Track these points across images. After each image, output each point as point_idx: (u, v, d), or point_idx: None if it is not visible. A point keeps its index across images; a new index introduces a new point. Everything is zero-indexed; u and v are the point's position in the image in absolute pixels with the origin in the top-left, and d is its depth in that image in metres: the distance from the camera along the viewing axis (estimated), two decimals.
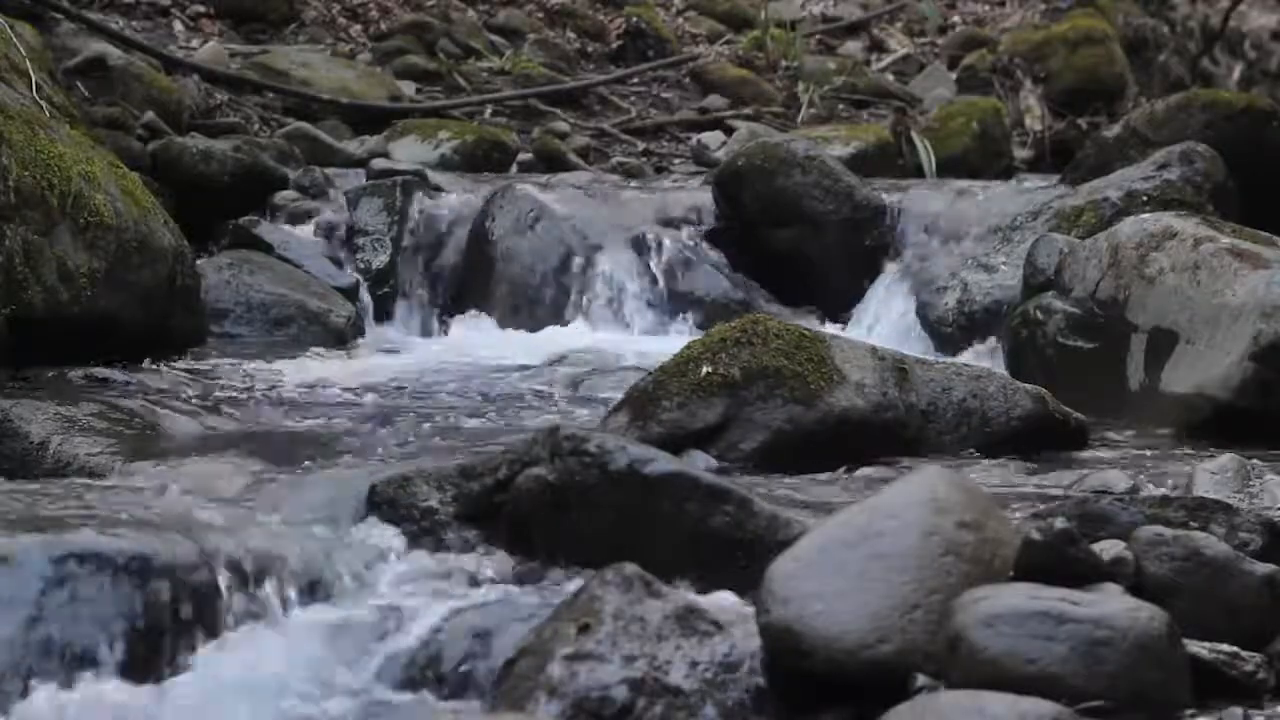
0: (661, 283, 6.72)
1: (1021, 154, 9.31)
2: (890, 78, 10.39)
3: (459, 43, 9.64)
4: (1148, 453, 4.54)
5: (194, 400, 4.91)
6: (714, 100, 9.63)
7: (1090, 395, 4.97)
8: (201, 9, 9.34)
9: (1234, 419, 4.74)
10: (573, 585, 3.07)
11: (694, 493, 3.26)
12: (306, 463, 4.18)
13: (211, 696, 2.90)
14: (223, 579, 3.08)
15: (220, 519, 3.35)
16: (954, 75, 10.36)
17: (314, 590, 3.18)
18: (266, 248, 6.55)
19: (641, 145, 9.01)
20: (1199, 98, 7.08)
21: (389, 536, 3.41)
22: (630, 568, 2.90)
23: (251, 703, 2.88)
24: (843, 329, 6.31)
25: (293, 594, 3.15)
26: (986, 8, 11.77)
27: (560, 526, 3.29)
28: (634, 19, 10.26)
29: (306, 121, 8.19)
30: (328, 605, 3.17)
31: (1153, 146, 6.64)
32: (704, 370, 4.29)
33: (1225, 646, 2.91)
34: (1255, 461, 3.94)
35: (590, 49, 10.15)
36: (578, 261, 6.72)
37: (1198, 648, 2.87)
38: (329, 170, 7.30)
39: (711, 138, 8.98)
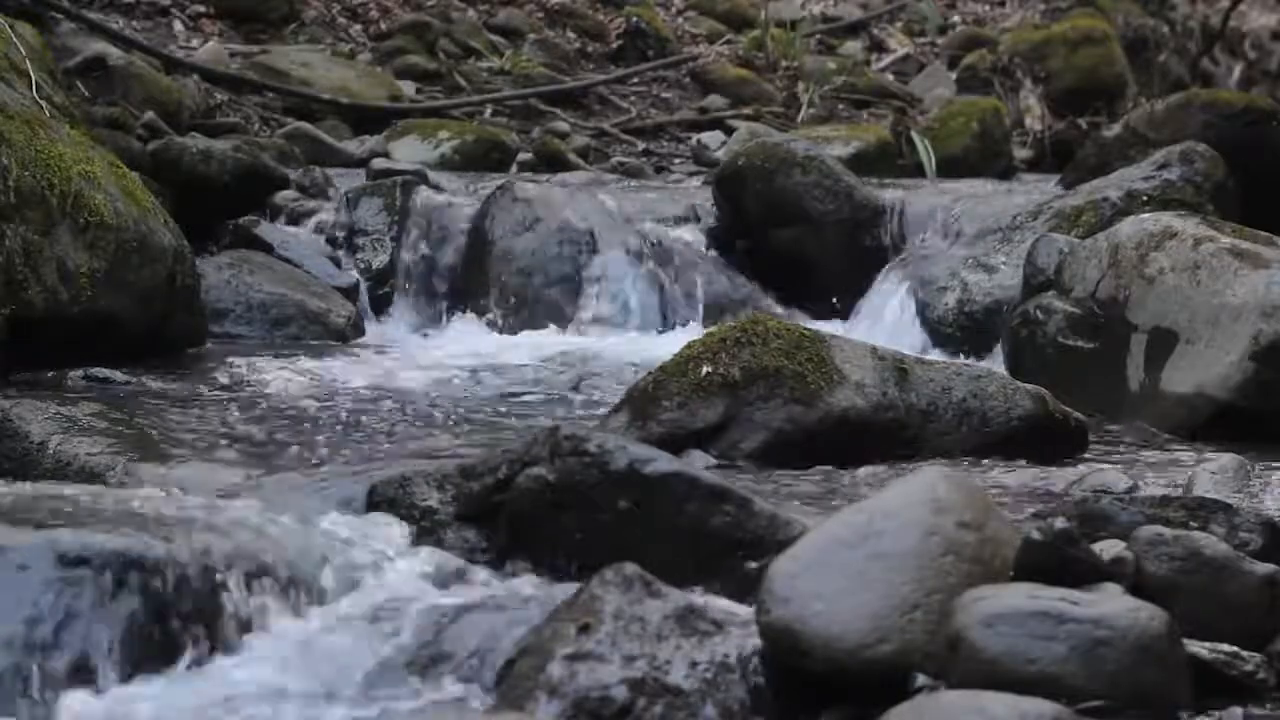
0: (661, 283, 6.72)
1: (1021, 154, 9.31)
2: (890, 78, 10.40)
3: (459, 43, 9.65)
4: (1148, 453, 4.54)
5: (194, 400, 4.91)
6: (714, 100, 9.64)
7: (1090, 395, 4.97)
8: (201, 9, 9.34)
9: (1234, 419, 4.74)
10: (573, 585, 3.07)
11: (694, 493, 3.26)
12: (306, 462, 4.17)
13: (211, 698, 2.90)
14: (222, 579, 3.07)
15: (220, 519, 3.35)
16: (954, 75, 10.37)
17: (314, 590, 3.18)
18: (266, 248, 6.55)
19: (641, 145, 9.01)
20: (1199, 98, 7.08)
21: (389, 536, 3.41)
22: (630, 568, 2.90)
23: (251, 703, 2.88)
24: (843, 329, 6.31)
25: (293, 594, 3.15)
26: (986, 8, 11.77)
27: (560, 526, 3.29)
28: (634, 19, 10.26)
29: (306, 121, 8.20)
30: (328, 605, 3.17)
31: (1153, 146, 6.65)
32: (704, 370, 4.29)
33: (1225, 646, 2.91)
34: (1255, 462, 3.94)
35: (590, 49, 10.15)
36: (577, 261, 6.71)
37: (1198, 648, 2.87)
38: (329, 170, 7.31)
39: (711, 138, 8.99)
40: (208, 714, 2.85)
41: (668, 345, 5.36)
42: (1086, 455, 4.48)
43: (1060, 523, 2.92)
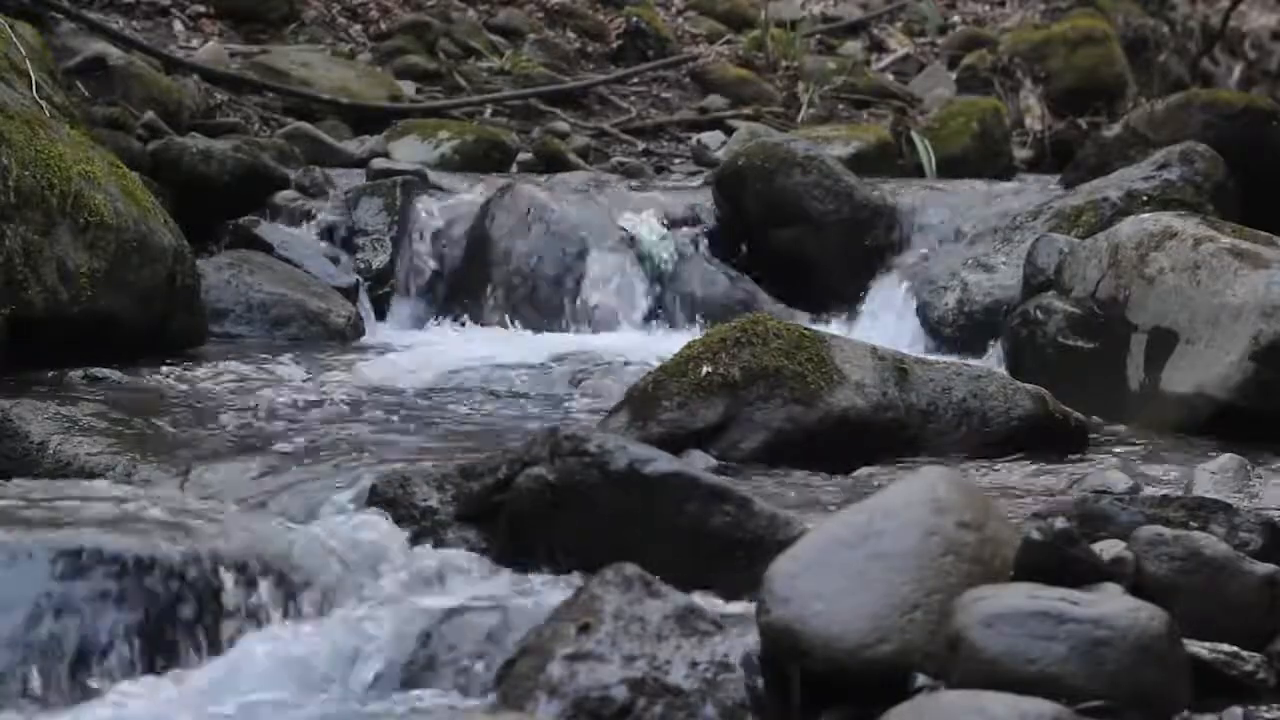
0: (661, 283, 6.72)
1: (1021, 154, 9.31)
2: (890, 78, 10.39)
3: (459, 43, 9.64)
4: (1148, 453, 4.54)
5: (194, 400, 4.91)
6: (714, 100, 9.63)
7: (1090, 395, 4.97)
8: (201, 9, 9.34)
9: (1234, 419, 4.74)
10: (573, 585, 3.07)
11: (694, 493, 3.26)
12: (306, 462, 4.17)
13: (212, 697, 2.90)
14: (223, 579, 3.08)
15: (220, 519, 3.35)
16: (954, 75, 10.37)
17: (314, 591, 3.18)
18: (266, 248, 6.55)
19: (641, 145, 9.01)
20: (1199, 98, 7.08)
21: (389, 536, 3.41)
22: (630, 568, 2.90)
23: (251, 703, 2.88)
24: (843, 329, 6.31)
25: (292, 594, 3.15)
26: (986, 8, 11.77)
27: (560, 526, 3.29)
28: (634, 19, 10.26)
29: (306, 121, 8.19)
30: (327, 605, 3.17)
31: (1153, 146, 6.65)
32: (704, 370, 4.29)
33: (1225, 646, 2.91)
34: (1255, 462, 3.94)
35: (590, 49, 10.15)
36: (577, 261, 6.72)
37: (1198, 648, 2.87)
38: (329, 170, 7.30)
39: (711, 138, 8.98)
40: (208, 715, 2.85)
41: (667, 345, 5.36)
42: (1086, 455, 4.48)
43: (1060, 523, 2.93)
